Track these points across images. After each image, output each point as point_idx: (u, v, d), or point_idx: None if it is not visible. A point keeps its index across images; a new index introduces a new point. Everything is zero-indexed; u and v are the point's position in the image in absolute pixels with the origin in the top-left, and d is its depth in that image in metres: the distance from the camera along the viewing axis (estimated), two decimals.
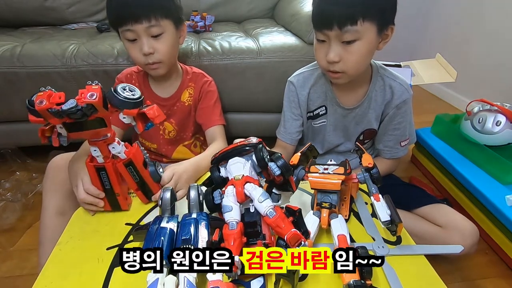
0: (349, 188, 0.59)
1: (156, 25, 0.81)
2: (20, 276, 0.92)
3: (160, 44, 0.83)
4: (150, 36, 0.82)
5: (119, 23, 0.81)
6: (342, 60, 0.73)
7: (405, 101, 0.86)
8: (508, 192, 0.96)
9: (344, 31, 0.68)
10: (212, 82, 1.01)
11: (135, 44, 0.83)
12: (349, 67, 0.74)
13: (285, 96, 0.94)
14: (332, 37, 0.71)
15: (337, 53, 0.72)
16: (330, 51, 0.72)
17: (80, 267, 0.50)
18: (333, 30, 0.69)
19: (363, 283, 0.41)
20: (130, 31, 0.81)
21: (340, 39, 0.70)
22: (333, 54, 0.72)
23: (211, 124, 0.97)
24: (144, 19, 0.79)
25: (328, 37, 0.72)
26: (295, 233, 0.43)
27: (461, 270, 0.94)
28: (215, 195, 0.52)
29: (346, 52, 0.72)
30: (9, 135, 1.28)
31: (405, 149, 0.94)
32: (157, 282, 0.41)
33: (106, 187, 0.59)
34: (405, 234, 0.57)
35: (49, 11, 1.53)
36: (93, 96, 0.47)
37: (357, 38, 0.70)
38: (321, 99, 0.90)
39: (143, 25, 0.80)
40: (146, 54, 0.82)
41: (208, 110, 0.98)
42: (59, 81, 1.12)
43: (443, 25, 2.05)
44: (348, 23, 0.67)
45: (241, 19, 1.70)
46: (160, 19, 0.81)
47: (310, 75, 0.90)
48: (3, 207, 1.11)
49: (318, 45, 0.76)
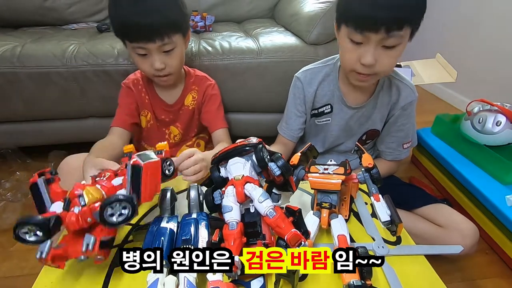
0: (349, 188, 0.59)
1: (168, 42, 0.80)
2: (20, 276, 0.92)
3: (171, 59, 0.83)
4: (162, 52, 0.81)
5: (129, 39, 0.80)
6: (377, 63, 0.70)
7: (410, 103, 0.86)
8: (508, 192, 0.96)
9: (391, 35, 0.65)
10: (215, 85, 1.01)
11: (146, 58, 0.82)
12: (381, 70, 0.72)
13: (291, 92, 0.94)
14: (374, 40, 0.67)
15: (375, 57, 0.69)
16: (368, 54, 0.69)
17: (80, 267, 0.50)
18: (379, 34, 0.66)
19: (363, 283, 0.41)
20: (141, 48, 0.79)
21: (381, 43, 0.68)
22: (371, 58, 0.69)
23: (217, 127, 0.98)
24: (158, 38, 0.77)
25: (368, 40, 0.68)
26: (295, 233, 0.43)
27: (461, 270, 0.94)
28: (215, 196, 0.52)
29: (383, 55, 0.69)
30: (9, 135, 1.28)
31: (407, 151, 0.94)
32: (157, 282, 0.41)
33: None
34: (405, 234, 0.57)
35: (49, 11, 1.53)
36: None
37: (399, 43, 0.68)
38: (327, 97, 0.89)
39: (156, 44, 0.78)
40: (158, 69, 0.82)
41: (212, 114, 0.98)
42: (59, 81, 1.13)
43: (443, 25, 2.05)
44: (395, 28, 0.65)
45: (241, 19, 1.70)
46: (172, 35, 0.80)
47: (318, 72, 0.89)
48: (3, 207, 1.11)
49: (351, 46, 0.71)
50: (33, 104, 1.18)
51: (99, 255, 0.44)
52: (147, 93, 0.94)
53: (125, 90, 0.95)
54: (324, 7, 1.17)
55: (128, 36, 0.80)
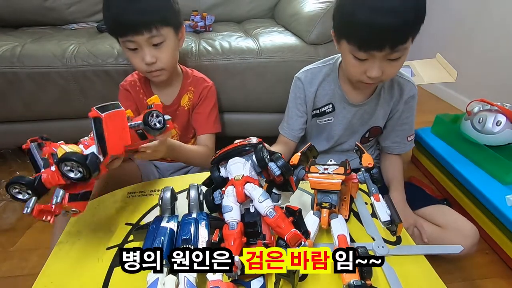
0: (349, 188, 0.59)
1: (157, 35, 0.80)
2: (20, 276, 0.92)
3: (161, 53, 0.83)
4: (152, 45, 0.81)
5: (119, 33, 0.81)
6: (383, 73, 0.71)
7: (413, 96, 0.88)
8: (508, 192, 0.96)
9: (395, 50, 0.66)
10: (212, 88, 1.01)
11: (137, 53, 0.82)
12: (387, 77, 0.74)
13: (291, 93, 0.94)
14: (379, 56, 0.68)
15: (382, 69, 0.70)
16: (373, 69, 0.70)
17: (80, 267, 0.50)
18: (383, 51, 0.66)
19: (363, 283, 0.41)
20: (130, 41, 0.80)
21: (386, 57, 0.68)
22: (377, 72, 0.70)
23: (204, 132, 0.98)
24: (145, 30, 0.78)
25: (373, 56, 0.69)
26: (295, 233, 0.43)
27: (461, 270, 0.94)
28: (215, 196, 0.52)
29: (389, 67, 0.71)
30: (9, 135, 1.28)
31: (412, 143, 0.96)
32: (157, 282, 0.41)
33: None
34: (405, 234, 0.57)
35: (49, 11, 1.53)
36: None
37: (403, 54, 0.69)
38: (328, 96, 0.89)
39: (144, 36, 0.79)
40: (148, 63, 0.82)
41: (203, 116, 0.98)
42: (59, 81, 1.12)
43: (443, 25, 2.05)
44: (399, 44, 0.66)
45: (241, 19, 1.70)
46: (161, 28, 0.80)
47: (318, 72, 0.90)
48: (3, 207, 1.11)
49: (355, 62, 0.72)
50: (33, 104, 1.18)
51: (73, 208, 0.47)
52: (145, 94, 0.94)
53: (123, 92, 0.95)
54: (324, 7, 1.17)
55: (117, 30, 0.81)
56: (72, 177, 0.45)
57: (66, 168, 0.45)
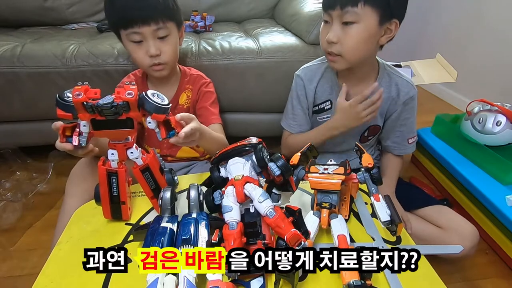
0: (349, 188, 0.59)
1: (163, 27, 0.81)
2: (20, 276, 0.92)
3: (166, 46, 0.84)
4: (156, 38, 0.82)
5: (125, 25, 0.81)
6: (340, 42, 0.75)
7: (412, 97, 0.88)
8: (508, 192, 0.96)
9: (345, 11, 0.71)
10: (210, 84, 1.01)
11: (141, 46, 0.83)
12: (345, 50, 0.76)
13: (293, 91, 0.94)
14: (334, 17, 0.74)
15: (336, 34, 0.75)
16: (330, 31, 0.76)
17: (80, 267, 0.50)
18: (336, 10, 0.73)
19: (363, 283, 0.41)
20: (136, 33, 0.80)
21: (340, 20, 0.74)
22: (332, 34, 0.75)
23: (212, 122, 0.97)
24: (152, 21, 0.79)
25: (331, 18, 0.75)
26: (295, 233, 0.43)
27: (461, 270, 0.94)
28: (215, 196, 0.52)
29: (344, 34, 0.74)
30: (9, 135, 1.28)
31: (413, 146, 0.96)
32: (157, 281, 0.41)
33: (113, 194, 0.57)
34: (405, 234, 0.57)
35: (49, 11, 1.53)
36: (130, 95, 0.48)
37: (356, 20, 0.72)
38: (327, 92, 0.90)
39: (151, 27, 0.80)
40: (153, 55, 0.82)
41: (206, 110, 0.97)
42: (59, 81, 1.13)
43: (443, 25, 2.05)
44: (349, 4, 0.71)
45: (241, 19, 1.70)
46: (167, 21, 0.82)
47: (317, 68, 0.91)
48: (3, 207, 1.11)
49: (323, 27, 0.80)
50: (33, 104, 1.18)
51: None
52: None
53: None
54: None
55: (124, 21, 0.81)
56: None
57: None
